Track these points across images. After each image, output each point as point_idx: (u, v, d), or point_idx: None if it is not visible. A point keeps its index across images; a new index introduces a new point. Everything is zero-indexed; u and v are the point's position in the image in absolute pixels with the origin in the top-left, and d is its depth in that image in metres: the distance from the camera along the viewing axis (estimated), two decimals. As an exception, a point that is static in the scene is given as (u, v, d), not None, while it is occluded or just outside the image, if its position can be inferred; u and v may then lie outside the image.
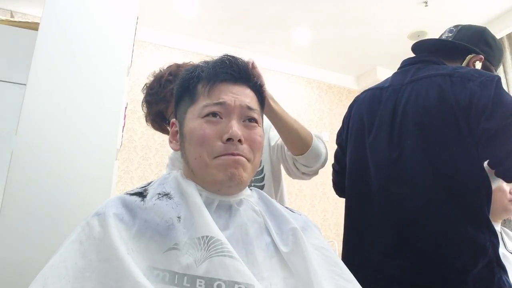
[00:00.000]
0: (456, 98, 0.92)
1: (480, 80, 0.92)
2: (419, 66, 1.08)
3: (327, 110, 4.02)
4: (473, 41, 1.09)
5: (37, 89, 1.14)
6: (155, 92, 1.07)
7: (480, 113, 0.89)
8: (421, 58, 1.10)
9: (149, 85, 1.11)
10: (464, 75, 0.95)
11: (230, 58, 0.69)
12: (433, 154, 0.94)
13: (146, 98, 1.11)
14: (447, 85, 0.95)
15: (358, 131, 1.12)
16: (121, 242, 0.54)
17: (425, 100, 0.97)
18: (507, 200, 1.26)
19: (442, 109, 0.93)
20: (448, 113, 0.93)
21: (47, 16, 1.21)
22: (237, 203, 0.67)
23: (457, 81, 0.94)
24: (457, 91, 0.93)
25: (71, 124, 1.15)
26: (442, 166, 0.93)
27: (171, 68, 1.11)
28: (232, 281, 0.51)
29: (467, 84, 0.92)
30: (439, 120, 0.94)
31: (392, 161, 1.00)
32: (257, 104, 0.71)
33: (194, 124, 0.66)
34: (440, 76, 0.98)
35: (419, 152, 0.95)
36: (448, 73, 0.98)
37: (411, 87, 1.02)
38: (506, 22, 2.95)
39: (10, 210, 1.04)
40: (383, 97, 1.09)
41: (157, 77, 1.10)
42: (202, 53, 3.38)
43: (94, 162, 1.15)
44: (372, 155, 1.05)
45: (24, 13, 2.91)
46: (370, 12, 2.99)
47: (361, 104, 1.16)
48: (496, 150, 0.89)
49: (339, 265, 0.66)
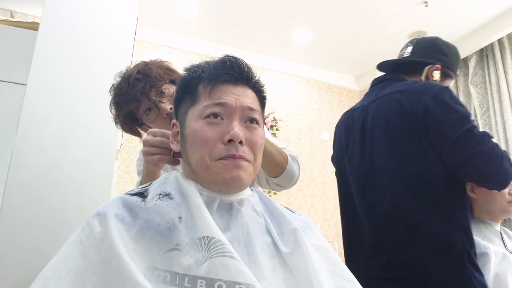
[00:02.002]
0: (413, 110, 1.04)
1: (432, 94, 1.03)
2: (382, 85, 1.20)
3: (327, 110, 4.02)
4: (429, 53, 1.21)
5: (37, 89, 1.14)
6: (124, 92, 1.02)
7: (437, 125, 1.01)
8: (384, 78, 1.23)
9: (116, 86, 1.05)
10: (419, 89, 1.06)
11: (231, 59, 0.69)
12: (399, 161, 1.05)
13: (114, 99, 1.05)
14: (404, 100, 1.06)
15: (339, 152, 1.28)
16: (121, 242, 0.54)
17: (387, 115, 1.09)
18: (506, 202, 1.26)
19: (403, 121, 1.05)
20: (407, 124, 1.04)
21: (47, 16, 1.21)
22: (238, 202, 0.67)
23: (412, 96, 1.06)
24: (413, 104, 1.04)
25: (71, 124, 1.15)
26: (408, 171, 1.04)
27: (138, 66, 1.07)
28: (233, 281, 0.51)
29: (422, 97, 1.03)
30: (401, 131, 1.06)
31: (365, 172, 1.13)
32: (258, 105, 0.71)
33: (195, 126, 0.65)
34: (398, 93, 1.10)
35: (388, 160, 1.07)
36: (405, 89, 1.09)
37: (375, 105, 1.15)
38: (506, 22, 2.95)
39: (10, 210, 1.04)
40: (355, 118, 1.22)
41: (125, 76, 1.05)
42: (202, 53, 3.38)
43: (94, 162, 1.15)
44: (350, 171, 1.19)
45: (24, 13, 2.91)
46: (370, 12, 2.99)
47: (340, 128, 1.31)
48: (457, 156, 1.00)
49: (340, 265, 0.66)
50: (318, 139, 3.90)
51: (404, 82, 1.16)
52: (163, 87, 1.04)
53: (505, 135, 2.97)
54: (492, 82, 3.13)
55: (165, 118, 1.03)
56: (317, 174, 3.82)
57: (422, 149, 1.02)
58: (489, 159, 1.00)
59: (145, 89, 1.01)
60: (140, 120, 1.06)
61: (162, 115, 1.03)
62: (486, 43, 3.18)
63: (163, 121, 1.04)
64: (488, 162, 1.01)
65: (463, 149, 0.99)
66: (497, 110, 3.06)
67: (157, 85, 1.03)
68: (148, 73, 1.03)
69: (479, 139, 1.00)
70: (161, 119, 1.04)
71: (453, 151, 1.00)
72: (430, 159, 1.02)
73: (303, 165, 3.75)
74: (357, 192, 1.16)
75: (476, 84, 3.28)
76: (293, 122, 3.84)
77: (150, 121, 1.05)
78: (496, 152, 1.01)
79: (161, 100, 1.03)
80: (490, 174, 1.03)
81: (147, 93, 1.01)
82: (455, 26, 3.13)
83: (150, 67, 1.05)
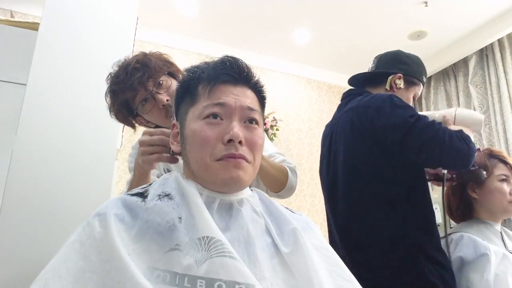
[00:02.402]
0: (362, 124, 1.14)
1: (375, 106, 1.13)
2: (346, 100, 1.30)
3: (327, 110, 4.02)
4: (391, 64, 1.31)
5: (37, 89, 1.14)
6: (121, 80, 1.01)
7: (382, 131, 1.10)
8: (350, 92, 1.33)
9: (114, 74, 1.04)
10: (366, 103, 1.17)
11: (230, 59, 0.69)
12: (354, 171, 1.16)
13: (111, 87, 1.04)
14: (355, 117, 1.17)
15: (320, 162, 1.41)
16: (121, 243, 0.54)
17: (344, 131, 1.21)
18: (507, 201, 1.26)
19: (354, 135, 1.17)
20: (358, 137, 1.15)
21: (47, 16, 1.21)
22: (238, 202, 0.67)
23: (361, 111, 1.16)
24: (362, 120, 1.15)
25: (71, 124, 1.15)
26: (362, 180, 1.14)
27: (138, 56, 1.06)
28: (233, 281, 0.51)
29: (368, 111, 1.14)
30: (354, 144, 1.17)
31: (329, 182, 1.26)
32: (258, 105, 0.71)
33: (195, 126, 0.65)
34: (350, 111, 1.21)
35: (345, 171, 1.19)
36: (356, 106, 1.20)
37: (339, 122, 1.26)
38: (506, 22, 2.95)
39: (10, 210, 1.04)
40: (327, 131, 1.36)
41: (123, 65, 1.04)
42: (202, 53, 3.38)
43: (94, 162, 1.15)
44: (321, 181, 1.35)
45: (24, 13, 2.91)
46: (370, 12, 2.99)
47: (322, 142, 1.43)
48: (409, 153, 1.09)
49: (340, 265, 0.66)
50: (318, 139, 3.89)
51: (359, 97, 1.24)
52: (161, 79, 1.04)
53: (505, 135, 2.97)
54: (492, 82, 3.13)
55: (161, 110, 1.02)
56: (317, 174, 3.79)
57: (374, 158, 1.12)
58: (436, 144, 1.07)
59: (142, 79, 1.00)
60: (135, 110, 1.04)
61: (158, 107, 1.02)
62: (486, 43, 3.18)
63: (158, 112, 1.03)
64: (436, 147, 1.07)
65: (411, 144, 1.08)
66: (497, 110, 3.06)
67: (155, 76, 1.02)
68: (147, 63, 1.03)
69: (421, 130, 1.08)
70: (157, 110, 1.03)
71: (404, 150, 1.09)
72: (381, 166, 1.12)
73: (303, 165, 3.75)
74: (326, 202, 1.31)
75: (476, 84, 3.27)
76: (293, 122, 3.83)
77: (145, 112, 1.04)
78: (440, 136, 1.07)
79: (158, 91, 1.02)
80: (444, 157, 1.09)
81: (144, 83, 1.00)
82: (455, 26, 3.13)
83: (149, 58, 1.05)
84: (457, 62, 3.49)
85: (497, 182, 1.27)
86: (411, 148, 1.08)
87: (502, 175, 1.28)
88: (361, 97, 1.23)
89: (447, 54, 3.46)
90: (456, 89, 3.51)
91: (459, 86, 3.46)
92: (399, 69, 1.29)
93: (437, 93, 3.67)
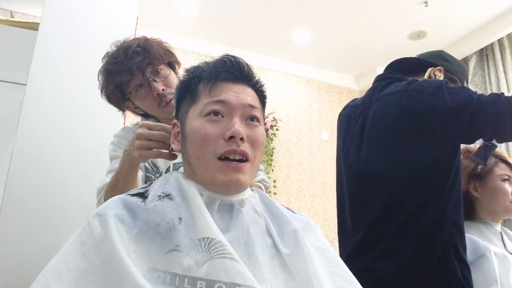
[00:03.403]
0: (414, 109, 1.04)
1: (431, 90, 1.03)
2: (383, 84, 1.20)
3: (327, 110, 4.02)
4: (433, 58, 1.23)
5: (37, 89, 1.14)
6: (120, 61, 0.98)
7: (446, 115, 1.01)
8: (386, 75, 1.23)
9: (112, 54, 1.01)
10: (418, 87, 1.07)
11: (230, 58, 0.69)
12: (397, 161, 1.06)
13: (107, 67, 1.01)
14: (404, 100, 1.07)
15: (338, 146, 1.29)
16: (121, 243, 0.54)
17: (387, 117, 1.11)
18: (509, 201, 1.26)
19: (403, 121, 1.06)
20: (409, 124, 1.05)
21: (47, 16, 1.21)
22: (239, 203, 0.66)
23: (413, 95, 1.06)
24: (415, 104, 1.04)
25: (71, 124, 1.15)
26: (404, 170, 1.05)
27: (139, 40, 1.04)
28: (233, 283, 0.51)
29: (422, 95, 1.04)
30: (401, 131, 1.06)
31: (359, 171, 1.14)
32: (259, 103, 0.71)
33: (195, 123, 0.65)
34: (397, 93, 1.10)
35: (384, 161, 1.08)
36: (404, 89, 1.09)
37: (376, 105, 1.15)
38: (506, 22, 2.95)
39: (10, 209, 1.04)
40: (356, 114, 1.22)
41: (122, 46, 1.02)
42: (202, 53, 3.38)
43: (94, 162, 1.15)
44: (345, 168, 1.20)
45: (24, 13, 2.90)
46: (370, 12, 2.99)
47: (341, 122, 1.31)
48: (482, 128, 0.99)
49: (341, 266, 0.66)
50: (318, 139, 3.90)
51: (403, 82, 1.16)
52: (160, 67, 1.02)
53: (505, 135, 2.97)
54: (492, 82, 3.13)
55: (154, 98, 1.01)
56: (317, 174, 3.81)
57: (423, 147, 1.03)
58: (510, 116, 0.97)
59: (142, 64, 0.98)
60: (128, 94, 1.02)
61: (152, 95, 1.01)
62: (486, 43, 3.18)
63: (152, 100, 1.02)
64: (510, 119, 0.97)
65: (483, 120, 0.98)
66: (497, 110, 3.06)
67: (155, 63, 1.01)
68: (148, 49, 1.01)
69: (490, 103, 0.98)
70: (150, 98, 1.01)
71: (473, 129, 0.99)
72: (429, 156, 1.03)
73: (303, 165, 3.75)
74: (349, 190, 1.18)
75: (476, 84, 3.27)
76: (293, 122, 3.83)
77: (139, 98, 1.03)
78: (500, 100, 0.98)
79: (155, 79, 1.01)
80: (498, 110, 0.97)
81: (143, 68, 0.99)
82: (455, 26, 3.13)
83: (151, 44, 1.04)
84: (457, 62, 3.49)
85: (500, 181, 1.27)
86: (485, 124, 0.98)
87: (505, 175, 1.28)
88: (405, 82, 1.14)
89: (447, 54, 3.46)
90: (456, 89, 3.51)
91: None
92: (440, 64, 1.21)
93: (437, 93, 3.67)
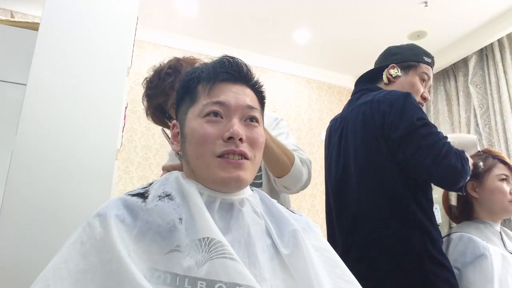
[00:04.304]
0: (373, 119, 1.13)
1: (389, 101, 1.12)
2: (359, 95, 1.29)
3: (327, 110, 4.02)
4: (383, 60, 1.34)
5: (37, 89, 1.14)
6: (155, 85, 1.07)
7: (389, 127, 1.09)
8: (362, 87, 1.33)
9: (149, 79, 1.12)
10: (380, 98, 1.15)
11: (229, 59, 0.69)
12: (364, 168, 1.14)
13: (146, 92, 1.12)
14: (367, 110, 1.16)
15: (325, 159, 1.37)
16: (122, 243, 0.54)
17: (355, 126, 1.19)
18: (507, 201, 1.26)
19: (365, 129, 1.15)
20: (369, 132, 1.13)
21: (47, 16, 1.21)
22: (239, 202, 0.67)
23: (374, 105, 1.15)
24: (374, 114, 1.13)
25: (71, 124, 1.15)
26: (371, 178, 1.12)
27: (171, 62, 1.12)
28: (233, 283, 0.51)
29: (381, 106, 1.13)
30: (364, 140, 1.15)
31: (338, 180, 1.22)
32: (258, 103, 0.71)
33: (194, 124, 0.66)
34: (363, 104, 1.19)
35: (355, 168, 1.16)
36: (370, 100, 1.18)
37: (350, 116, 1.24)
38: (506, 22, 2.95)
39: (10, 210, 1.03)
40: (335, 127, 1.32)
41: (156, 70, 1.11)
42: (202, 53, 3.37)
43: (94, 162, 1.15)
44: (328, 178, 1.29)
45: (24, 13, 2.90)
46: (370, 12, 2.99)
47: (327, 134, 1.40)
48: (401, 154, 1.07)
49: (340, 266, 0.66)
50: (318, 139, 3.90)
51: (373, 92, 1.24)
52: None
53: (505, 135, 2.97)
54: (492, 82, 3.13)
55: None
56: (317, 174, 3.82)
57: (381, 153, 1.10)
58: (431, 153, 1.02)
59: (174, 83, 1.04)
60: (168, 113, 1.09)
61: None
62: (486, 43, 3.18)
63: None
64: (430, 156, 1.02)
65: (407, 146, 1.05)
66: (497, 110, 3.06)
67: None
68: (178, 68, 1.07)
69: (423, 135, 1.04)
70: None
71: (399, 151, 1.07)
72: (387, 162, 1.09)
73: (303, 165, 3.75)
74: (332, 198, 1.26)
75: (476, 84, 3.27)
76: (293, 122, 3.83)
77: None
78: (439, 146, 1.03)
79: None
80: (433, 168, 1.03)
81: (175, 87, 1.04)
82: (455, 26, 3.13)
83: (181, 63, 1.10)
84: (457, 62, 3.49)
85: (498, 181, 1.27)
86: (406, 150, 1.05)
87: (503, 175, 1.28)
88: (376, 92, 1.22)
89: (447, 54, 3.46)
90: (456, 89, 3.51)
91: (459, 86, 3.46)
92: (390, 61, 1.30)
93: (437, 93, 3.67)
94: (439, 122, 3.63)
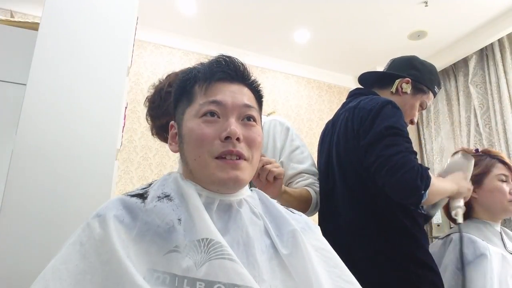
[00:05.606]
0: (352, 125, 1.12)
1: (369, 108, 1.10)
2: (351, 99, 1.26)
3: (327, 110, 4.02)
4: (402, 68, 1.28)
5: (37, 89, 1.14)
6: (157, 105, 1.06)
7: (362, 134, 1.09)
8: (356, 91, 1.29)
9: (150, 99, 1.10)
10: (362, 105, 1.14)
11: (226, 58, 0.69)
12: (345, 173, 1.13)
13: (149, 112, 1.10)
14: (349, 116, 1.15)
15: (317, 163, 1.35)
16: (121, 244, 0.54)
17: (339, 131, 1.19)
18: (507, 201, 1.26)
19: (346, 136, 1.14)
20: (349, 138, 1.13)
21: (47, 16, 1.21)
22: (238, 203, 0.66)
23: (356, 112, 1.14)
24: (354, 120, 1.12)
25: (71, 124, 1.15)
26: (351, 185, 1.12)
27: (169, 78, 1.09)
28: (232, 283, 0.51)
29: (360, 112, 1.12)
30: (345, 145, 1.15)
31: (325, 183, 1.21)
32: (255, 102, 0.70)
33: (192, 124, 0.65)
34: (348, 110, 1.18)
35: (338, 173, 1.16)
36: (354, 106, 1.17)
37: (338, 121, 1.23)
38: (506, 22, 2.95)
39: (10, 210, 1.04)
40: (328, 130, 1.32)
41: (157, 89, 1.09)
42: (202, 53, 3.38)
43: (94, 162, 1.15)
44: (319, 182, 1.25)
45: (24, 13, 2.90)
46: (370, 12, 2.99)
47: (320, 138, 1.41)
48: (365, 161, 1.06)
49: (340, 266, 0.66)
50: (318, 139, 3.89)
51: (362, 98, 1.22)
52: None
53: (505, 135, 2.97)
54: (492, 82, 3.13)
55: None
56: (317, 174, 3.82)
57: (358, 159, 1.09)
58: (386, 164, 0.99)
59: None
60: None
61: None
62: (486, 43, 3.18)
63: None
64: (385, 167, 0.99)
65: (369, 155, 1.04)
66: (497, 110, 3.06)
67: None
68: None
69: (385, 146, 1.02)
70: None
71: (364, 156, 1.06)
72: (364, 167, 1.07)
73: (303, 165, 3.75)
74: (320, 201, 1.24)
75: (476, 84, 3.28)
76: (293, 122, 3.83)
77: None
78: (396, 159, 0.99)
79: None
80: (387, 179, 1.00)
81: None
82: (455, 26, 3.13)
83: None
84: (457, 62, 3.49)
85: (497, 181, 1.27)
86: (369, 158, 1.04)
87: (502, 175, 1.28)
88: (364, 97, 1.20)
89: (447, 54, 3.46)
90: (456, 89, 3.51)
91: (459, 86, 3.46)
92: (409, 74, 1.25)
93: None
94: (439, 122, 3.63)
